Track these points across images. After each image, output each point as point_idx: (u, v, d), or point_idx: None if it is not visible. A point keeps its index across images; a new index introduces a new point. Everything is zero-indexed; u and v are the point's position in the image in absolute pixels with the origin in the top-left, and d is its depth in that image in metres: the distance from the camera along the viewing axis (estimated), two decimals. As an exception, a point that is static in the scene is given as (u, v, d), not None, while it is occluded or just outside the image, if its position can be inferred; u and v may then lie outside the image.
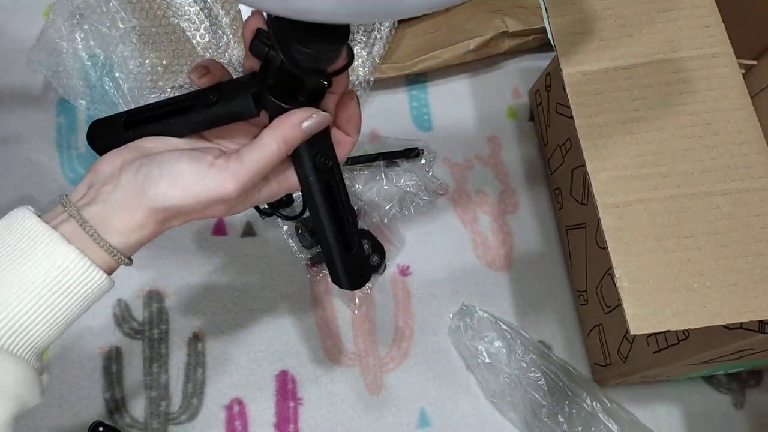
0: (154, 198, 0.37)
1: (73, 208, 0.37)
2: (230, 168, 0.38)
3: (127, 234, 0.38)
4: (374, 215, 0.71)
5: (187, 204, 0.38)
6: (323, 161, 0.43)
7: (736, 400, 0.68)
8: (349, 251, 0.45)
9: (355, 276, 0.46)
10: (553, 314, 0.71)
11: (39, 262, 0.35)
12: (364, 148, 0.76)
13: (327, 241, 0.45)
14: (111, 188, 0.38)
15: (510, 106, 0.81)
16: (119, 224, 0.37)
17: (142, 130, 0.43)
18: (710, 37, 0.53)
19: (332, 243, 0.45)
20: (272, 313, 0.68)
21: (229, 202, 0.39)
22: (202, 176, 0.38)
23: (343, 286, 0.46)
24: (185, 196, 0.38)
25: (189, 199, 0.38)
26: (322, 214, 0.44)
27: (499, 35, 0.77)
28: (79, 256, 0.36)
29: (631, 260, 0.47)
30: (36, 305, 0.35)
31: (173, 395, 0.64)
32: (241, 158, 0.39)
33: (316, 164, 0.43)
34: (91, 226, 0.37)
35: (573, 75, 0.53)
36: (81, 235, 0.36)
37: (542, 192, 0.76)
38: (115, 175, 0.39)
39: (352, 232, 0.46)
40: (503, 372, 0.65)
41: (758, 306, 0.45)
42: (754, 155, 0.49)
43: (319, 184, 0.43)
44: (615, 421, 0.63)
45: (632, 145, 0.50)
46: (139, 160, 0.39)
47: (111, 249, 0.37)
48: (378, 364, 0.67)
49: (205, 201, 0.38)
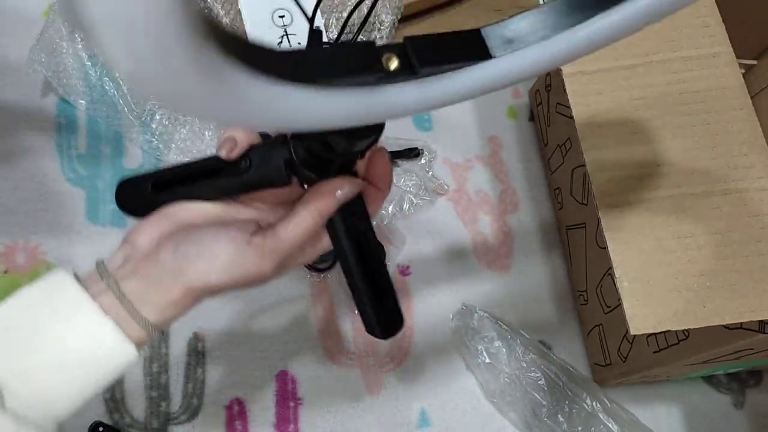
0: (193, 278, 0.38)
1: (111, 279, 0.37)
2: (267, 247, 0.39)
3: (163, 310, 0.38)
4: (374, 215, 0.71)
5: (225, 283, 0.38)
6: (354, 223, 0.43)
7: (736, 400, 0.68)
8: (381, 302, 0.46)
9: (389, 324, 0.47)
10: (553, 314, 0.71)
11: (75, 331, 0.35)
12: (364, 148, 0.76)
13: (360, 295, 0.45)
14: (149, 264, 0.38)
15: (510, 106, 0.81)
16: (156, 300, 0.37)
17: (171, 194, 0.43)
18: (710, 37, 0.53)
19: (366, 298, 0.45)
20: (272, 313, 0.68)
21: (266, 280, 0.40)
22: (240, 257, 0.38)
23: (377, 335, 0.46)
24: (223, 276, 0.38)
25: (227, 278, 0.38)
26: (354, 273, 0.45)
27: (499, 35, 0.77)
28: (115, 329, 0.35)
29: (631, 260, 0.47)
30: (65, 379, 0.35)
31: (173, 395, 0.64)
32: (278, 235, 0.39)
33: (347, 226, 0.43)
34: (129, 300, 0.37)
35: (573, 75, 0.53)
36: (118, 307, 0.36)
37: (542, 192, 0.76)
38: (153, 249, 0.39)
39: (384, 284, 0.46)
40: (503, 372, 0.65)
41: (758, 306, 0.45)
42: (754, 155, 0.49)
43: (352, 247, 0.43)
44: (615, 421, 0.63)
45: (632, 145, 0.50)
46: (176, 236, 0.39)
47: (146, 324, 0.37)
48: (378, 364, 0.67)
49: (243, 281, 0.39)
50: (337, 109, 0.30)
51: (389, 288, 0.46)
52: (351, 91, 0.31)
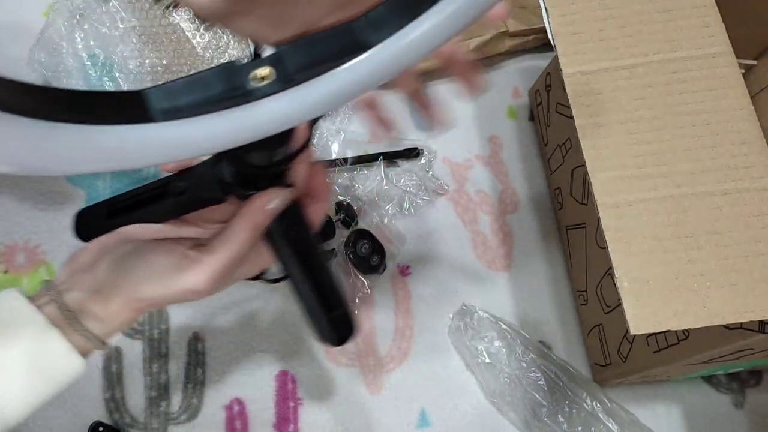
0: (129, 290, 0.39)
1: (54, 292, 0.38)
2: (203, 261, 0.39)
3: (104, 321, 0.39)
4: (374, 215, 0.71)
5: (160, 295, 0.39)
6: (293, 233, 0.43)
7: (736, 400, 0.68)
8: (332, 310, 0.46)
9: (341, 331, 0.47)
10: (553, 314, 0.71)
11: (22, 343, 0.36)
12: (364, 148, 0.76)
13: (310, 305, 0.46)
14: (90, 277, 0.39)
15: (510, 106, 0.81)
16: (97, 311, 0.39)
17: (125, 219, 0.44)
18: (710, 37, 0.53)
19: (314, 306, 0.46)
20: (272, 313, 0.68)
21: (202, 293, 0.40)
22: (176, 269, 0.39)
23: (331, 343, 0.47)
24: (158, 287, 0.39)
25: (162, 290, 0.39)
26: (301, 283, 0.45)
27: (499, 35, 0.77)
28: (60, 339, 0.36)
29: (631, 260, 0.47)
30: (13, 386, 0.35)
31: (173, 395, 0.64)
32: (213, 250, 0.39)
33: (287, 237, 0.43)
34: (71, 311, 0.38)
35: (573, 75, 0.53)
36: (62, 319, 0.37)
37: (542, 192, 0.76)
38: (93, 264, 0.40)
39: (333, 292, 0.46)
40: (503, 372, 0.65)
41: (758, 306, 0.45)
42: (754, 155, 0.49)
43: (295, 256, 0.44)
44: (615, 421, 0.63)
45: (632, 145, 0.50)
46: (116, 251, 0.40)
47: (88, 335, 0.38)
48: (378, 364, 0.67)
49: (179, 293, 0.39)
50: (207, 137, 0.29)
51: (338, 294, 0.46)
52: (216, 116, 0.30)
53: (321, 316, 0.46)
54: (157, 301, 0.39)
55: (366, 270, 0.69)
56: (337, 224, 0.70)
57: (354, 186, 0.73)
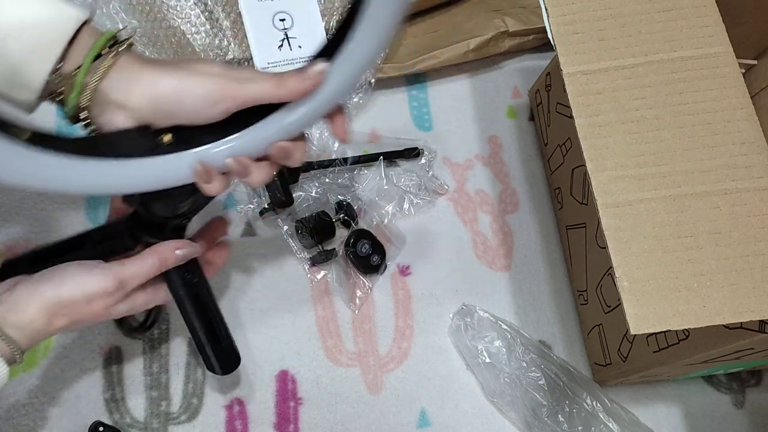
0: (47, 293, 0.44)
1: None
2: (110, 268, 0.47)
3: (23, 328, 0.44)
4: (374, 215, 0.71)
5: (74, 297, 0.45)
6: (189, 277, 0.53)
7: (736, 399, 0.68)
8: (218, 343, 0.55)
9: (226, 362, 0.56)
10: (553, 314, 0.71)
11: None
12: (364, 148, 0.76)
13: (199, 338, 0.54)
14: (9, 293, 0.45)
15: (510, 106, 0.81)
16: (15, 320, 0.43)
17: (45, 265, 0.49)
18: (710, 37, 0.53)
19: (203, 339, 0.54)
20: (272, 313, 0.68)
21: (109, 298, 0.47)
22: (87, 274, 0.46)
23: (216, 372, 0.55)
24: (74, 290, 0.45)
25: (78, 293, 0.45)
26: (192, 317, 0.54)
27: (499, 35, 0.77)
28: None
29: (631, 260, 0.47)
30: None
31: (173, 395, 0.64)
32: (123, 263, 0.48)
33: (184, 280, 0.52)
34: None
35: (573, 75, 0.53)
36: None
37: (542, 192, 0.76)
38: (13, 283, 0.46)
39: (220, 328, 0.55)
40: (503, 372, 0.65)
41: (758, 306, 0.45)
42: (754, 155, 0.49)
43: (188, 296, 0.53)
44: (615, 420, 0.63)
45: (632, 145, 0.50)
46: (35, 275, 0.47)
47: (11, 342, 0.43)
48: (378, 364, 0.67)
49: (90, 293, 0.46)
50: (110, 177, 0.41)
51: (225, 331, 0.56)
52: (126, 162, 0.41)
53: (209, 347, 0.54)
54: (67, 300, 0.45)
55: (366, 270, 0.69)
56: (337, 224, 0.70)
57: (354, 186, 0.73)
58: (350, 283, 0.69)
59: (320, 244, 0.69)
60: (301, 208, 0.71)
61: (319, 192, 0.72)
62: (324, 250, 0.69)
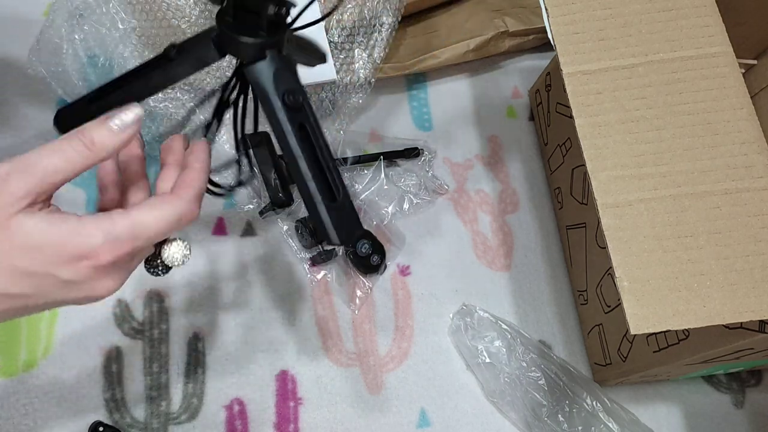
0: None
1: None
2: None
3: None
4: (374, 215, 0.71)
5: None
6: (293, 99, 0.40)
7: (736, 399, 0.68)
8: (333, 200, 0.42)
9: (343, 228, 0.42)
10: (553, 314, 0.71)
11: None
12: (364, 148, 0.76)
13: (308, 189, 0.41)
14: None
15: (510, 106, 0.81)
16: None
17: (106, 101, 0.43)
18: (710, 37, 0.53)
19: (313, 192, 0.41)
20: (272, 312, 0.68)
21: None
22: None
23: (331, 240, 0.42)
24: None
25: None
26: (299, 159, 0.41)
27: (499, 35, 0.77)
28: None
29: (631, 260, 0.47)
30: None
31: (173, 395, 0.64)
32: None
33: (285, 102, 0.40)
34: None
35: (573, 75, 0.53)
36: None
37: (542, 192, 0.76)
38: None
39: (335, 180, 0.42)
40: (503, 372, 0.65)
41: (758, 306, 0.45)
42: (754, 155, 0.49)
43: (292, 125, 0.40)
44: (615, 420, 0.63)
45: (632, 144, 0.50)
46: None
47: None
48: (378, 364, 0.67)
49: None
50: None
51: (343, 189, 0.42)
52: None
53: (321, 205, 0.42)
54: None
55: (366, 270, 0.69)
56: (337, 224, 0.70)
57: (354, 186, 0.73)
58: (350, 283, 0.69)
59: (320, 244, 0.69)
60: (301, 208, 0.71)
61: (319, 192, 0.72)
62: (324, 250, 0.69)
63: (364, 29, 0.71)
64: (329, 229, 0.41)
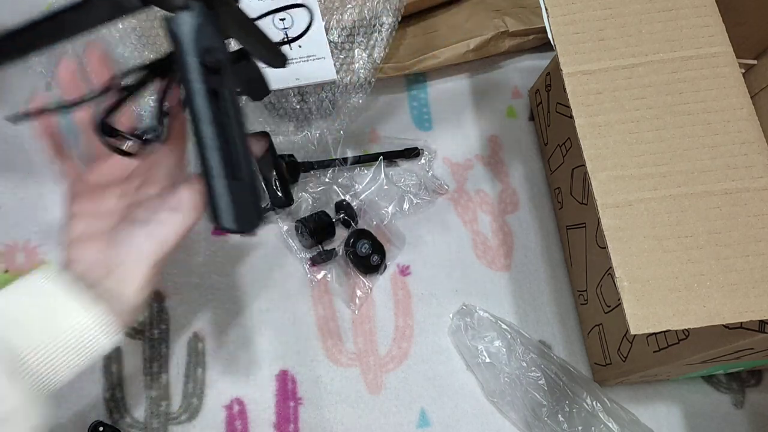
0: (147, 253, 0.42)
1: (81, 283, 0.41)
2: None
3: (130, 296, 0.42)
4: (374, 215, 0.71)
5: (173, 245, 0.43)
6: (212, 59, 0.36)
7: (736, 399, 0.68)
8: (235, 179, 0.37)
9: (239, 212, 0.37)
10: (553, 314, 0.71)
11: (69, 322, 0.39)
12: (364, 148, 0.76)
13: (207, 161, 0.37)
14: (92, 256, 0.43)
15: (510, 106, 0.81)
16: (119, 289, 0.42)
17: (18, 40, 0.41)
18: (710, 37, 0.53)
19: (213, 164, 0.37)
20: (272, 312, 0.68)
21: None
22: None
23: (223, 222, 0.37)
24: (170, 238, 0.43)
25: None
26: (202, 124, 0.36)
27: (499, 35, 0.77)
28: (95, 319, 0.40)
29: (631, 260, 0.47)
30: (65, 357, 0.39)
31: (173, 395, 0.64)
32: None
33: (203, 62, 0.36)
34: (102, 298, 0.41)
35: (573, 75, 0.53)
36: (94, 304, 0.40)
37: (542, 192, 0.76)
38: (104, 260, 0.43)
39: (241, 157, 0.37)
40: (503, 372, 0.65)
41: (758, 306, 0.45)
42: (754, 155, 0.49)
43: (204, 87, 0.36)
44: (615, 420, 0.63)
45: (632, 144, 0.50)
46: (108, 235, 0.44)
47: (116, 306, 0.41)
48: (378, 364, 0.67)
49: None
50: None
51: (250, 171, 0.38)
52: None
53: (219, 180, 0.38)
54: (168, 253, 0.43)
55: (366, 270, 0.69)
56: (337, 224, 0.70)
57: (354, 186, 0.73)
58: (350, 283, 0.69)
59: (320, 244, 0.69)
60: (301, 208, 0.71)
61: (319, 192, 0.72)
62: (324, 250, 0.69)
63: (364, 29, 0.71)
64: (221, 209, 0.37)
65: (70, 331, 0.39)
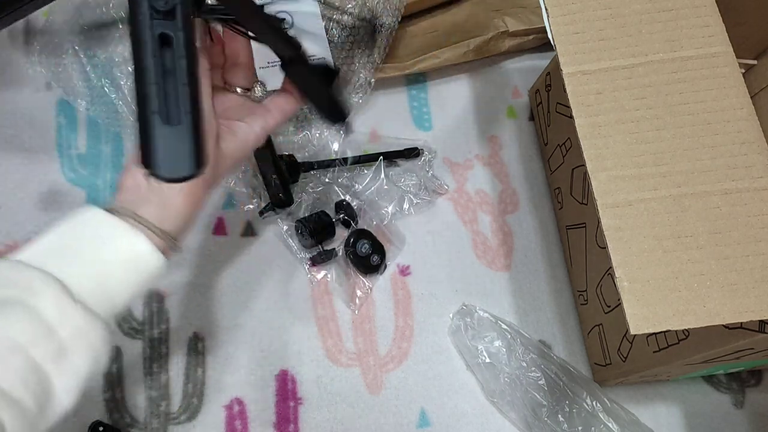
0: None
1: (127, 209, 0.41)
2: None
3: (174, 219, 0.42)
4: (374, 215, 0.71)
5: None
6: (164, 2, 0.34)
7: (736, 399, 0.68)
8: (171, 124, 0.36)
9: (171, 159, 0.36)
10: (553, 314, 0.71)
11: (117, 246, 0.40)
12: (364, 148, 0.76)
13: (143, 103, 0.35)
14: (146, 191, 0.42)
15: (510, 106, 0.81)
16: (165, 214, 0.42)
17: None
18: (710, 37, 0.53)
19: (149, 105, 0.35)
20: (272, 312, 0.68)
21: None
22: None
23: (154, 169, 0.36)
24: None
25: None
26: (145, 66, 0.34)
27: (499, 35, 0.77)
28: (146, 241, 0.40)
29: (631, 260, 0.47)
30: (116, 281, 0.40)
31: (173, 395, 0.64)
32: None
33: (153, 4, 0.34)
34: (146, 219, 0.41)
35: (573, 75, 0.53)
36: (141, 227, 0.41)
37: (542, 192, 0.76)
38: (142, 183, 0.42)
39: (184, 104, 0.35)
40: (503, 372, 0.65)
41: (758, 306, 0.45)
42: (754, 155, 0.49)
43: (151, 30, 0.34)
44: (615, 420, 0.63)
45: (632, 145, 0.50)
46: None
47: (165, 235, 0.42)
48: (378, 364, 0.67)
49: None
50: None
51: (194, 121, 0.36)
52: None
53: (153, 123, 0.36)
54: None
55: (366, 270, 0.69)
56: (337, 224, 0.70)
57: (354, 186, 0.73)
58: (350, 283, 0.69)
59: (320, 244, 0.69)
60: (301, 208, 0.71)
61: (319, 192, 0.72)
62: (324, 250, 0.69)
63: (364, 29, 0.71)
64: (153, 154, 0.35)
65: (118, 253, 0.40)
